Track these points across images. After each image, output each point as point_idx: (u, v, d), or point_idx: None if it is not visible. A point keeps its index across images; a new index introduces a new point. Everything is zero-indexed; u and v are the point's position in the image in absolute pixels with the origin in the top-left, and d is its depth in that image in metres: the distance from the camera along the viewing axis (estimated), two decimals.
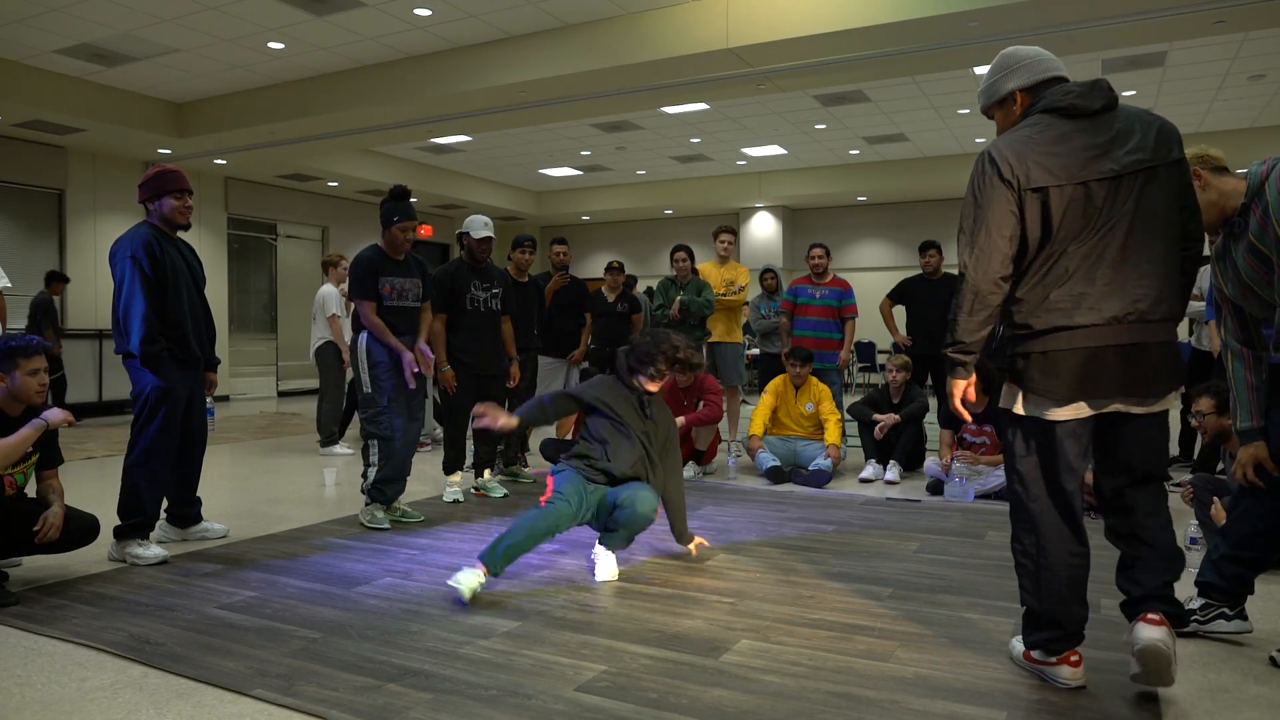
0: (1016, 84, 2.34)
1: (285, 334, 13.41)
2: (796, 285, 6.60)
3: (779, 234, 15.10)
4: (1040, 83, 2.32)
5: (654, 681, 2.40)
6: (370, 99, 8.74)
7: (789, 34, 6.77)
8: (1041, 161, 2.16)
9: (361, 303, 4.27)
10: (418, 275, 4.44)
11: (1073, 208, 2.15)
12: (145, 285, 3.62)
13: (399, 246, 4.33)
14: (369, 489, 4.30)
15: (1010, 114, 2.37)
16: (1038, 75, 2.32)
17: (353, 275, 4.31)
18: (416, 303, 4.42)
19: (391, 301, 4.29)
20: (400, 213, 4.30)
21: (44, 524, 3.16)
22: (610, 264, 7.09)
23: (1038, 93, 2.31)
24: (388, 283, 4.28)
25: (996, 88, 2.39)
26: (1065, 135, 2.19)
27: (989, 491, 5.02)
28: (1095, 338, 2.16)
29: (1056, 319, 2.18)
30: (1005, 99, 2.37)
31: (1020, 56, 2.36)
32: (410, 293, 4.37)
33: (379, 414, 4.25)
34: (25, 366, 3.21)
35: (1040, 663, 2.38)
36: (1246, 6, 6.09)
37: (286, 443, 7.71)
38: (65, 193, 10.56)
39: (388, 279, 4.28)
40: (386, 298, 4.27)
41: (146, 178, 3.80)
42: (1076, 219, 2.16)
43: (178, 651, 2.61)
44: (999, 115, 2.41)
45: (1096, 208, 2.15)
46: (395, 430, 4.26)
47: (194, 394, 3.90)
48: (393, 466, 4.28)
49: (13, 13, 7.21)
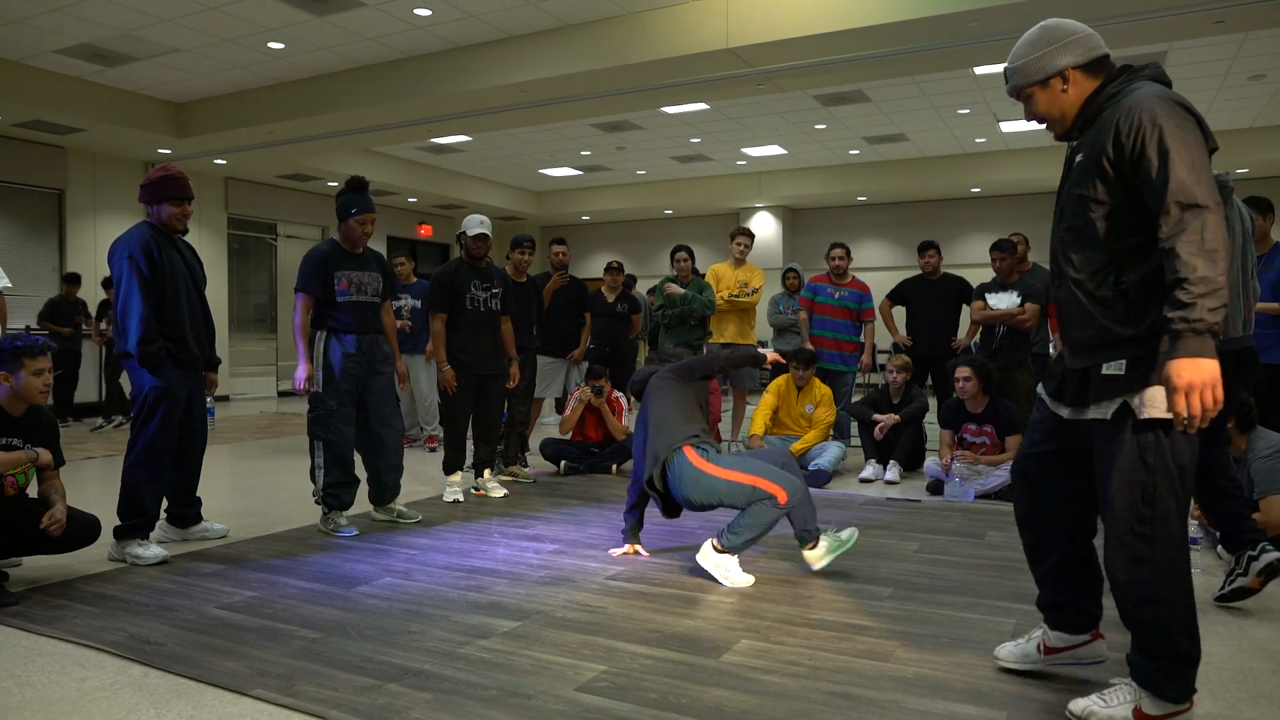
0: (1070, 60, 2.07)
1: (285, 334, 13.40)
2: (815, 283, 6.60)
3: (779, 234, 15.10)
4: (1094, 61, 2.08)
5: (654, 681, 2.39)
6: (370, 99, 8.73)
7: (789, 34, 6.77)
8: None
9: (298, 294, 4.08)
10: (377, 270, 4.27)
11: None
12: (143, 285, 3.62)
13: (356, 240, 4.20)
14: (321, 497, 4.18)
15: (1056, 95, 2.11)
16: (1093, 52, 2.08)
17: (300, 267, 4.11)
18: (376, 298, 4.24)
19: (349, 296, 4.12)
20: (358, 204, 4.16)
21: (49, 520, 3.16)
22: (610, 264, 7.09)
23: (1096, 72, 2.08)
24: (344, 277, 4.12)
25: (1043, 64, 2.09)
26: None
27: (989, 491, 5.02)
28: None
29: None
30: (1052, 77, 2.09)
31: (1069, 30, 2.09)
32: (369, 287, 4.21)
33: (327, 415, 4.10)
34: (30, 366, 3.22)
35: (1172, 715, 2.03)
36: (1246, 6, 6.09)
37: (286, 443, 7.70)
38: (65, 193, 10.55)
39: (344, 273, 4.12)
40: (343, 292, 4.10)
41: (149, 180, 3.80)
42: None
43: (178, 651, 2.61)
44: (1041, 97, 2.13)
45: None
46: (336, 431, 4.11)
47: (194, 394, 3.89)
48: (342, 470, 4.16)
49: (13, 13, 7.21)
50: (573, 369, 6.45)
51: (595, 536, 4.10)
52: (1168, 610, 1.98)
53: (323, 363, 4.10)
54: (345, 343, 4.12)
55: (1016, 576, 3.42)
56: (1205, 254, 1.79)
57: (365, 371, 4.20)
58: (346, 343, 4.12)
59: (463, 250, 5.03)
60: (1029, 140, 11.95)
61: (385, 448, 4.31)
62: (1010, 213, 13.72)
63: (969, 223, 14.23)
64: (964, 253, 13.78)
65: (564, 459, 5.95)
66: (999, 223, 13.48)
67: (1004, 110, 10.35)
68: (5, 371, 3.21)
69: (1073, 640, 2.35)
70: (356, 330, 4.15)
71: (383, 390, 4.28)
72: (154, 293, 3.66)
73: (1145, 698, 2.04)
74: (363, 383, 4.20)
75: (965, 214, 14.29)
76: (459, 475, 5.03)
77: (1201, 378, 1.79)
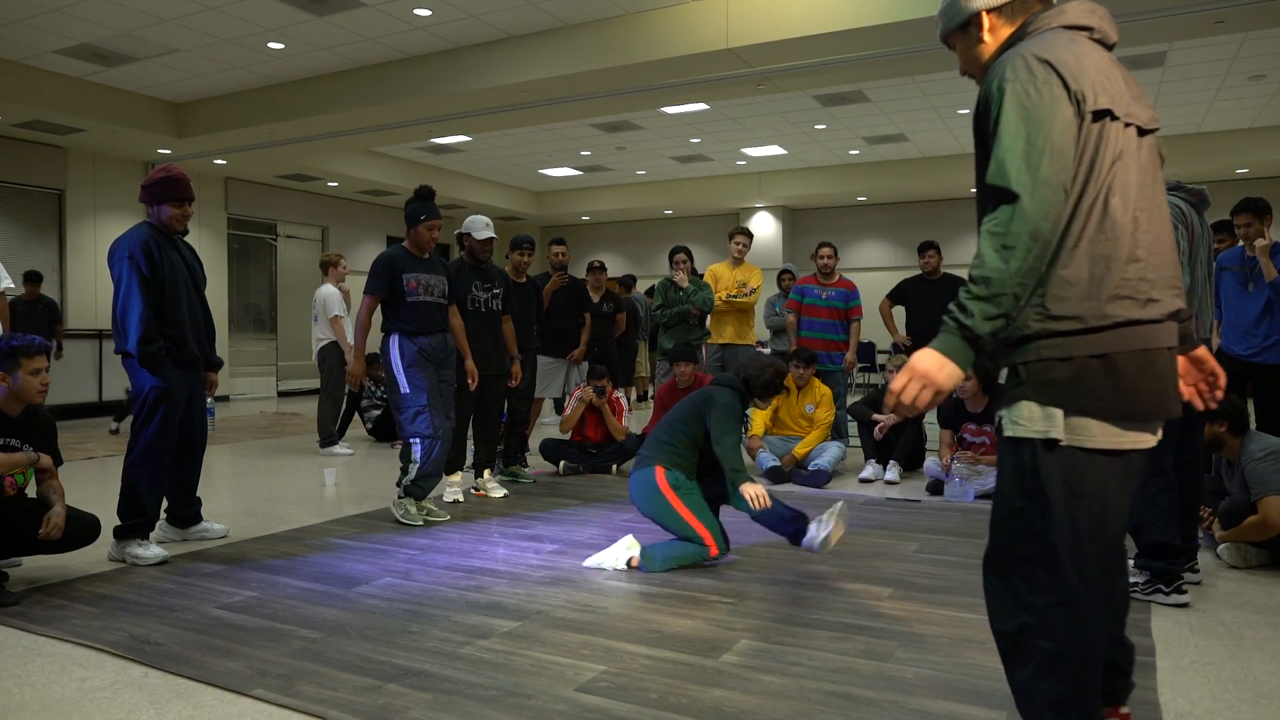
0: (985, 2, 1.74)
1: (285, 334, 13.41)
2: (803, 285, 6.60)
3: (779, 234, 15.09)
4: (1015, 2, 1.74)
5: (654, 681, 2.40)
6: (370, 99, 8.73)
7: (789, 34, 6.77)
8: (1099, 81, 1.58)
9: (365, 296, 4.33)
10: (443, 273, 4.50)
11: (1125, 155, 1.60)
12: (143, 286, 3.62)
13: (424, 245, 4.41)
14: (408, 484, 4.32)
15: (974, 44, 1.78)
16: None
17: (370, 270, 4.38)
18: (443, 299, 4.46)
19: (417, 297, 4.33)
20: (426, 211, 4.38)
21: (47, 524, 3.16)
22: (591, 264, 7.13)
23: (1014, 15, 1.74)
24: (413, 278, 4.33)
25: (958, 8, 1.78)
26: (1107, 62, 1.64)
27: (989, 491, 5.02)
28: (1162, 337, 1.61)
29: (1123, 309, 1.57)
30: (969, 22, 1.77)
31: None
32: (436, 288, 4.42)
33: (419, 412, 4.25)
34: (28, 366, 3.23)
35: None
36: (1246, 6, 6.08)
37: (286, 443, 7.71)
38: (65, 193, 10.55)
39: (412, 275, 4.34)
40: (412, 293, 4.32)
41: (150, 180, 3.80)
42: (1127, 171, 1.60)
43: (178, 651, 2.61)
44: (960, 44, 1.82)
45: (1140, 163, 1.63)
46: (438, 428, 4.27)
47: (194, 394, 3.90)
48: (434, 462, 4.30)
49: (13, 13, 7.21)
50: (572, 369, 6.45)
51: (595, 536, 4.10)
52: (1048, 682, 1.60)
53: (402, 362, 4.27)
54: (418, 342, 4.31)
55: None
56: (1000, 250, 1.52)
57: (437, 367, 4.39)
58: (419, 341, 4.31)
59: (465, 251, 5.04)
60: None
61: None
62: None
63: (969, 223, 14.22)
64: (964, 253, 13.77)
65: (563, 459, 5.95)
66: None
67: None
68: (2, 371, 3.21)
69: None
70: (424, 330, 4.33)
71: (444, 387, 4.46)
72: (154, 293, 3.67)
73: None
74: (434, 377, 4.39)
75: (965, 214, 14.28)
76: (459, 475, 5.03)
77: (938, 378, 1.56)
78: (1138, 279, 1.58)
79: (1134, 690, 1.91)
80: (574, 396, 6.10)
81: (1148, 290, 1.58)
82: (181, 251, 3.87)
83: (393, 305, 4.34)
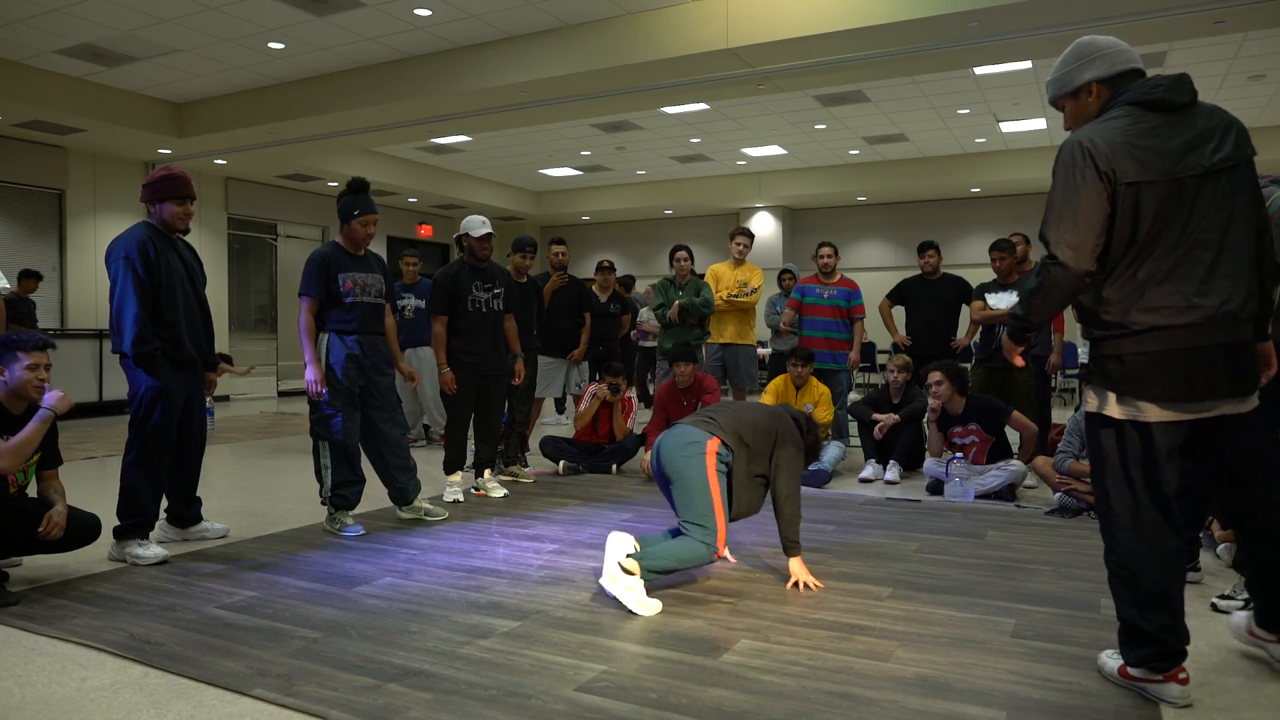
0: (1094, 74, 2.28)
1: (285, 334, 13.40)
2: (804, 284, 6.60)
3: (779, 234, 15.09)
4: (1118, 74, 2.26)
5: (654, 681, 2.39)
6: (370, 99, 8.73)
7: (789, 34, 6.77)
8: (1136, 155, 2.13)
9: (302, 298, 4.10)
10: (379, 271, 4.29)
11: (1165, 204, 2.12)
12: (138, 286, 3.61)
13: (359, 242, 4.22)
14: (329, 497, 4.17)
15: (1084, 106, 2.32)
16: (1117, 66, 2.26)
17: (304, 271, 4.13)
18: (379, 299, 4.25)
19: (354, 298, 4.13)
20: (360, 206, 4.17)
21: (48, 523, 3.16)
22: (600, 263, 7.11)
23: (1116, 85, 2.27)
24: (349, 278, 4.13)
25: (1070, 78, 2.32)
26: (1156, 129, 2.15)
27: (989, 491, 5.02)
28: (1196, 337, 2.12)
29: (1154, 318, 2.14)
30: (1080, 90, 2.31)
31: (1098, 46, 2.29)
32: (373, 288, 4.22)
33: (328, 417, 4.11)
34: (25, 361, 3.21)
35: (1143, 680, 2.27)
36: (1246, 6, 6.08)
37: (286, 443, 7.70)
38: (65, 193, 10.55)
39: (349, 274, 4.13)
40: (349, 294, 4.12)
41: (151, 179, 3.80)
42: (1168, 216, 2.12)
43: (178, 651, 2.61)
44: (1070, 106, 2.35)
45: (1189, 205, 2.13)
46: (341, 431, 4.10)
47: (192, 394, 3.89)
48: (347, 467, 4.17)
49: (13, 13, 7.21)
50: (572, 369, 6.45)
51: (595, 536, 4.10)
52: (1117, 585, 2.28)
53: (325, 364, 4.12)
54: (348, 343, 4.13)
55: (1016, 576, 3.43)
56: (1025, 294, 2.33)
57: (368, 372, 4.20)
58: (349, 343, 4.13)
59: (464, 251, 5.02)
60: (1029, 140, 11.94)
61: (393, 448, 4.32)
62: (1010, 213, 13.72)
63: (969, 223, 14.23)
64: (964, 253, 13.78)
65: (563, 459, 5.95)
66: (999, 223, 13.49)
67: (1004, 110, 10.35)
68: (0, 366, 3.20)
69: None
70: (359, 331, 4.16)
71: (385, 391, 4.29)
72: (149, 293, 3.65)
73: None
74: (365, 383, 4.21)
75: (965, 214, 14.29)
76: (459, 475, 5.03)
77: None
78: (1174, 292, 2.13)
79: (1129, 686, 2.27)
80: (588, 393, 6.10)
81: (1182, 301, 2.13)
82: (180, 251, 3.85)
83: (328, 305, 4.12)
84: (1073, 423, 4.62)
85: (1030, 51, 7.26)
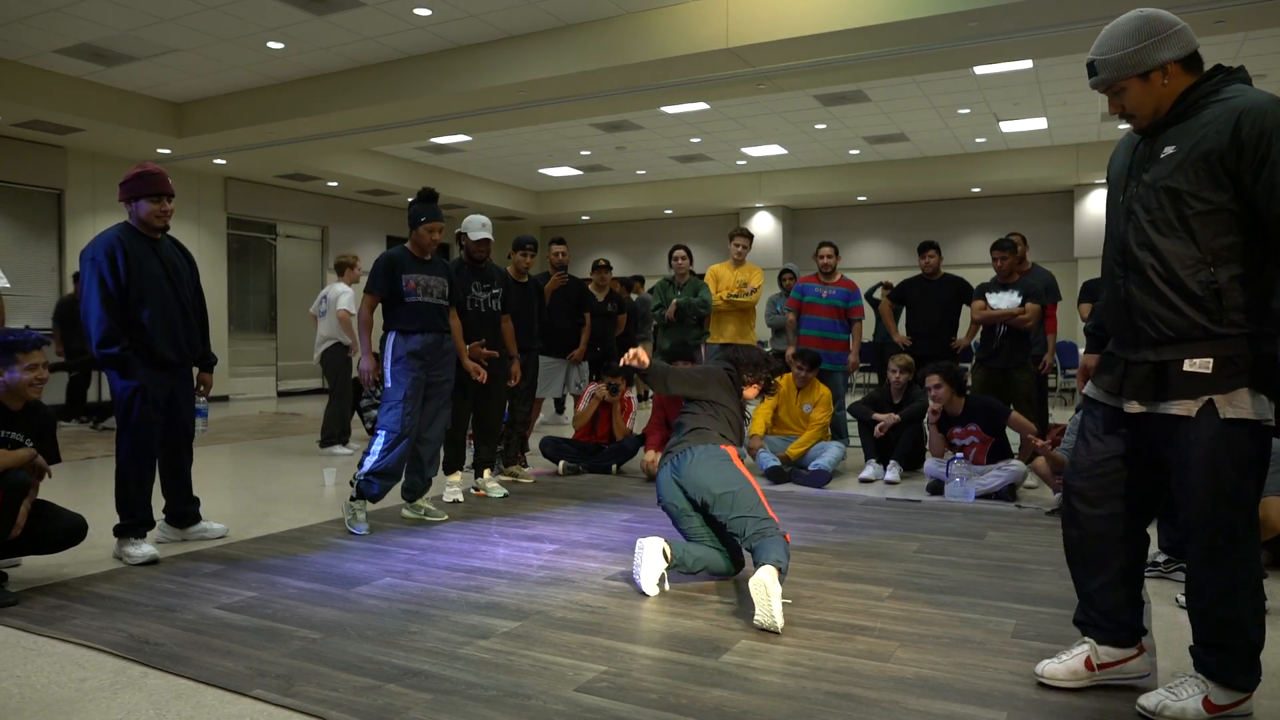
0: (1172, 55, 2.04)
1: (285, 334, 13.39)
2: (803, 284, 6.60)
3: (779, 234, 15.09)
4: (1191, 55, 2.06)
5: (654, 681, 2.39)
6: (370, 99, 8.73)
7: (789, 34, 6.77)
8: None
9: (365, 295, 4.37)
10: (443, 274, 4.52)
11: None
12: (101, 289, 3.59)
13: (425, 247, 4.43)
14: (360, 478, 4.23)
15: (1154, 89, 2.07)
16: (1190, 46, 2.06)
17: (371, 270, 4.40)
18: (443, 300, 4.48)
19: (416, 297, 4.34)
20: (428, 214, 4.39)
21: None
22: (596, 262, 7.11)
23: (1189, 67, 2.06)
24: (412, 279, 4.34)
25: (1142, 57, 2.05)
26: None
27: (989, 492, 5.02)
28: None
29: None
30: (1153, 71, 2.05)
31: (1170, 22, 2.06)
32: (435, 289, 4.43)
33: (393, 407, 4.26)
34: (24, 361, 3.21)
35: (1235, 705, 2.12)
36: (1246, 6, 6.08)
37: (286, 443, 7.70)
38: (65, 193, 10.54)
39: (411, 275, 4.35)
40: (411, 293, 4.33)
41: (126, 178, 3.77)
42: None
43: (177, 651, 2.61)
44: (1137, 89, 2.09)
45: None
46: (408, 427, 4.26)
47: (176, 393, 3.87)
48: (394, 459, 4.25)
49: (13, 13, 7.20)
50: (572, 369, 6.45)
51: (595, 536, 4.10)
52: (1244, 603, 2.05)
53: (391, 357, 4.30)
54: (410, 341, 4.32)
55: (1017, 576, 3.43)
56: None
57: (428, 369, 4.38)
58: (412, 341, 4.32)
59: (463, 251, 5.04)
60: (1029, 140, 11.94)
61: (432, 443, 4.53)
62: (1010, 213, 13.72)
63: (969, 223, 14.23)
64: (964, 253, 13.78)
65: (563, 459, 5.95)
66: (999, 223, 13.48)
67: (1004, 110, 10.35)
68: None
69: (1122, 655, 2.34)
70: (422, 330, 4.34)
71: (440, 387, 4.47)
72: (114, 296, 3.62)
73: (1214, 688, 2.11)
74: (427, 380, 4.39)
75: (965, 214, 14.28)
76: (459, 475, 5.03)
77: None
78: None
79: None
80: (587, 393, 6.11)
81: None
82: (160, 251, 3.80)
83: (391, 305, 4.36)
84: (1073, 423, 4.61)
85: (1030, 51, 7.26)
